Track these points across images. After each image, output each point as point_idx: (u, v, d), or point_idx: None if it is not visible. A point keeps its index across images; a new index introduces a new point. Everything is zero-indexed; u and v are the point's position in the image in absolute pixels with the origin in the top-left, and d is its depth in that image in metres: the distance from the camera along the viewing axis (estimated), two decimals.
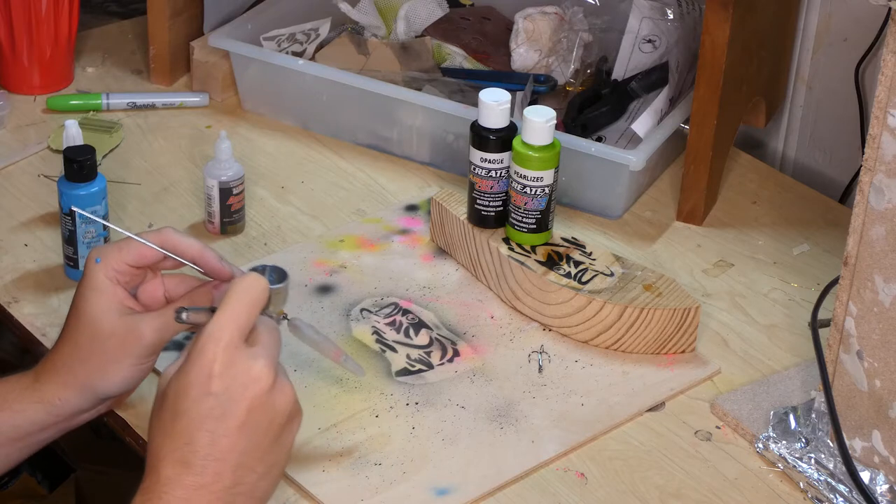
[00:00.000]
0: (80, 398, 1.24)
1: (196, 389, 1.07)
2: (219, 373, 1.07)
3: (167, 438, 1.07)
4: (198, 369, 1.07)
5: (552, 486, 1.28)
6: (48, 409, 1.23)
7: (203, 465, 1.06)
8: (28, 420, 1.24)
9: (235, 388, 1.07)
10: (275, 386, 1.09)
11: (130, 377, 1.24)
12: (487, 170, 1.47)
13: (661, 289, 1.43)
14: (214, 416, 1.07)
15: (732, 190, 1.70)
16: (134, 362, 1.23)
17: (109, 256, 1.23)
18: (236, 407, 1.07)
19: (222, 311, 1.09)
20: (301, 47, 1.83)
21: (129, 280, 1.24)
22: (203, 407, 1.07)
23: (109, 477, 1.95)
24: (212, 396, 1.07)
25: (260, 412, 1.08)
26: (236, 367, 1.08)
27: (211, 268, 1.24)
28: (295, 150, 1.75)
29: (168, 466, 1.06)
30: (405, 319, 1.46)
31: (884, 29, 1.65)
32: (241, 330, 1.09)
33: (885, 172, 1.16)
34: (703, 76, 1.56)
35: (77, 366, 1.23)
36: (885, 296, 1.19)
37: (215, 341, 1.08)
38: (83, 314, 1.23)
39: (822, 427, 1.29)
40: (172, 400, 1.08)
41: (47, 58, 1.82)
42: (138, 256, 1.23)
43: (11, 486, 2.01)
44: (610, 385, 1.39)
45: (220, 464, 1.07)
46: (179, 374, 1.08)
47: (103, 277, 1.23)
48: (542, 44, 1.82)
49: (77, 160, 1.45)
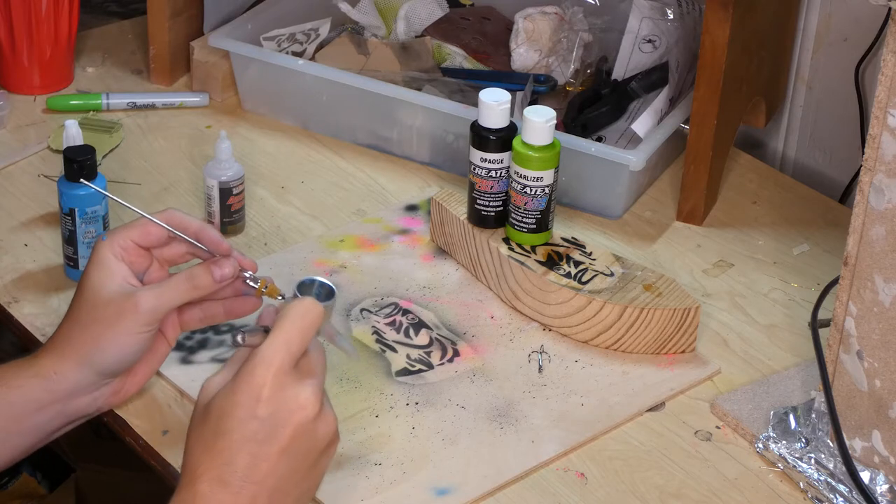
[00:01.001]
0: (77, 371, 1.24)
1: (242, 411, 1.08)
2: (267, 397, 1.08)
3: (207, 455, 1.08)
4: (246, 391, 1.08)
5: (552, 486, 1.28)
6: (44, 384, 1.24)
7: (240, 486, 1.07)
8: (24, 397, 1.24)
9: (281, 414, 1.08)
10: (319, 414, 1.10)
11: (127, 348, 1.24)
12: (487, 170, 1.47)
13: (661, 289, 1.43)
14: (258, 440, 1.08)
15: (732, 190, 1.70)
16: (130, 330, 1.23)
17: (116, 234, 1.26)
18: (280, 433, 1.08)
19: (276, 335, 1.10)
20: (301, 47, 1.83)
21: (133, 260, 1.26)
22: (247, 429, 1.08)
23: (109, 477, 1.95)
24: (257, 420, 1.08)
25: (302, 439, 1.09)
26: (285, 393, 1.09)
27: (210, 240, 1.26)
28: (295, 150, 1.75)
29: (205, 483, 1.07)
30: (405, 319, 1.46)
31: (884, 29, 1.65)
32: (292, 355, 1.10)
33: (885, 172, 1.16)
34: (703, 76, 1.56)
35: (75, 336, 1.24)
36: (885, 296, 1.19)
37: (266, 365, 1.09)
38: (86, 288, 1.25)
39: (822, 427, 1.29)
40: (216, 417, 1.09)
41: (47, 58, 1.82)
42: (144, 234, 1.26)
43: (11, 486, 2.01)
44: (610, 385, 1.39)
45: (258, 487, 1.08)
46: (227, 393, 1.09)
47: (108, 253, 1.25)
48: (542, 44, 1.82)
49: (77, 160, 1.45)
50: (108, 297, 1.23)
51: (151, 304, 1.23)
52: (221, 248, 1.26)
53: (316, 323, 1.13)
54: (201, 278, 1.24)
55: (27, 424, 1.25)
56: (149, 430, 1.32)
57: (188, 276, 1.24)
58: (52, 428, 1.27)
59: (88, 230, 1.47)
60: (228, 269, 1.24)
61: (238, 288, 1.28)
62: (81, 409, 1.27)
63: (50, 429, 1.27)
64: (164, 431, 1.32)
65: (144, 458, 1.31)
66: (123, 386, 1.29)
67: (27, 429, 1.25)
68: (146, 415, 1.33)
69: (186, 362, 1.38)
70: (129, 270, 1.25)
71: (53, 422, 1.26)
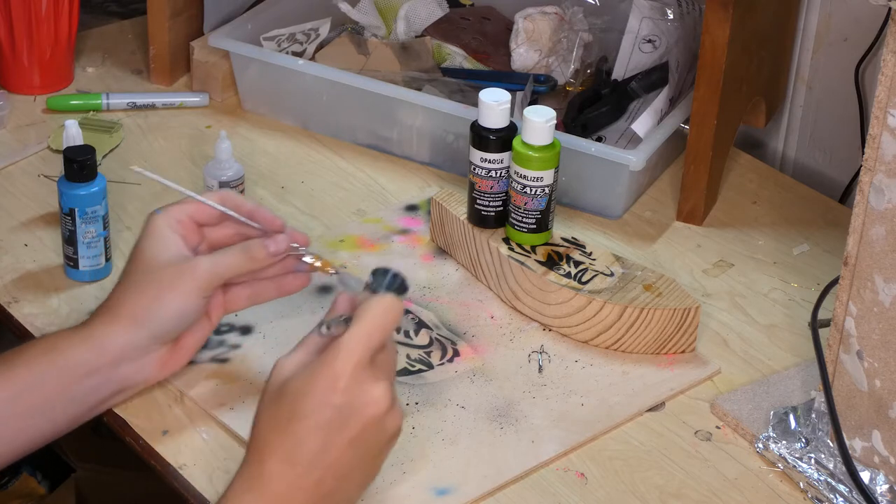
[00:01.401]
0: (127, 333, 1.27)
1: (319, 398, 1.11)
2: (344, 388, 1.11)
3: (279, 435, 1.11)
4: (325, 379, 1.11)
5: (552, 486, 1.28)
6: (94, 345, 1.26)
7: (308, 470, 1.11)
8: (73, 360, 1.26)
9: (356, 406, 1.12)
10: (390, 410, 1.13)
11: (182, 310, 1.27)
12: (487, 170, 1.47)
13: (661, 289, 1.43)
14: (330, 428, 1.11)
15: (732, 190, 1.70)
16: (187, 293, 1.26)
17: (171, 208, 1.30)
18: (353, 423, 1.12)
19: (358, 328, 1.13)
20: (301, 47, 1.83)
21: (186, 234, 1.29)
22: (322, 416, 1.11)
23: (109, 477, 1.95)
24: (333, 408, 1.11)
25: (372, 431, 1.13)
26: (361, 386, 1.12)
27: (264, 218, 1.30)
28: (295, 150, 1.75)
29: (275, 462, 1.11)
30: (405, 319, 1.45)
31: (884, 29, 1.65)
32: (371, 350, 1.13)
33: (885, 172, 1.16)
34: (703, 76, 1.56)
35: (129, 299, 1.27)
36: (885, 296, 1.19)
37: (347, 356, 1.12)
38: (140, 257, 1.28)
39: (822, 427, 1.29)
40: (291, 399, 1.12)
41: (47, 58, 1.82)
42: (198, 209, 1.30)
43: (11, 486, 2.01)
44: (610, 385, 1.39)
45: (325, 472, 1.11)
46: (305, 377, 1.12)
47: (163, 225, 1.28)
48: (542, 44, 1.82)
49: (77, 160, 1.45)
50: (166, 262, 1.27)
51: (209, 269, 1.27)
52: (275, 224, 1.30)
53: (396, 320, 1.15)
54: (256, 250, 1.28)
55: (75, 391, 1.27)
56: (149, 430, 1.32)
57: (243, 247, 1.28)
58: (99, 396, 1.28)
59: (88, 230, 1.47)
60: (282, 244, 1.29)
61: (288, 265, 1.32)
62: (129, 377, 1.29)
63: (97, 397, 1.28)
64: (164, 431, 1.32)
65: (144, 458, 1.31)
66: (170, 358, 1.31)
67: (75, 395, 1.27)
68: (146, 415, 1.33)
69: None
70: (182, 242, 1.29)
71: (101, 389, 1.28)
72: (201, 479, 1.27)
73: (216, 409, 1.33)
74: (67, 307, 1.46)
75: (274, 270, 1.32)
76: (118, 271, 1.44)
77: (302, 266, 1.32)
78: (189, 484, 1.27)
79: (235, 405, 1.34)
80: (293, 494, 1.11)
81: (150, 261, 1.27)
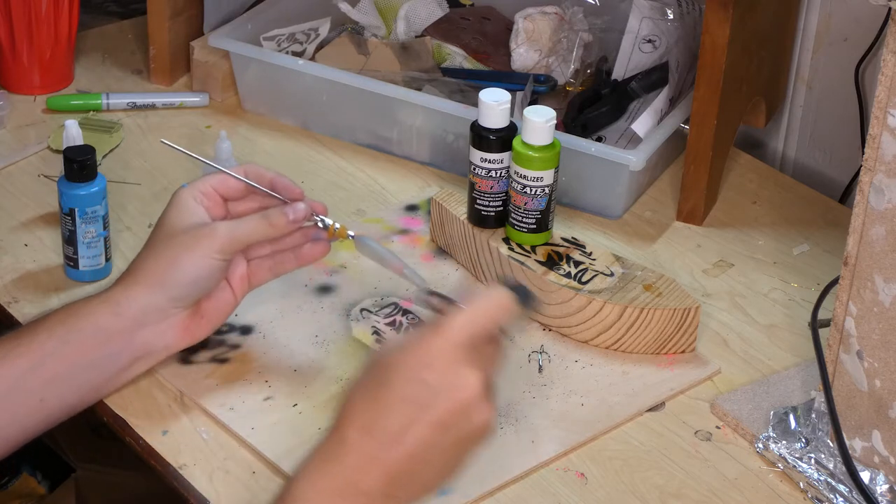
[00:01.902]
0: (147, 295, 1.28)
1: (410, 371, 1.09)
2: (438, 367, 1.08)
3: (364, 402, 1.09)
4: (419, 354, 1.09)
5: (552, 486, 1.28)
6: (113, 308, 1.28)
7: (388, 444, 1.07)
8: (93, 324, 1.27)
9: (445, 386, 1.08)
10: (480, 401, 1.10)
11: (200, 271, 1.29)
12: (487, 170, 1.47)
13: (661, 289, 1.43)
14: (417, 403, 1.08)
15: (732, 190, 1.70)
16: (205, 254, 1.28)
17: (196, 181, 1.33)
18: (440, 403, 1.08)
19: (465, 312, 1.11)
20: (301, 47, 1.83)
21: (210, 205, 1.32)
22: (410, 389, 1.08)
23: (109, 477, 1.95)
24: (423, 384, 1.08)
25: (458, 417, 1.09)
26: (454, 369, 1.09)
27: (284, 187, 1.32)
28: (295, 150, 1.75)
29: (354, 430, 1.08)
30: (405, 319, 1.46)
31: (884, 29, 1.65)
32: (473, 337, 1.10)
33: (885, 172, 1.16)
34: (703, 76, 1.56)
35: (149, 263, 1.30)
36: (885, 296, 1.19)
37: (446, 336, 1.09)
38: (163, 225, 1.31)
39: (822, 427, 1.29)
40: (385, 370, 1.09)
41: (47, 58, 1.82)
42: (222, 182, 1.33)
43: (11, 485, 2.01)
44: (610, 385, 1.39)
45: (403, 448, 1.08)
46: (400, 350, 1.10)
47: (188, 196, 1.31)
48: (542, 44, 1.82)
49: (77, 160, 1.45)
50: (187, 227, 1.30)
51: (228, 232, 1.29)
52: (294, 193, 1.32)
53: (506, 317, 1.13)
54: (276, 217, 1.30)
55: (95, 356, 1.28)
56: (149, 430, 1.32)
57: (264, 214, 1.31)
58: (119, 363, 1.30)
59: (88, 230, 1.47)
60: (302, 212, 1.31)
61: (307, 234, 1.34)
62: (149, 342, 1.30)
63: (117, 365, 1.30)
64: (164, 431, 1.32)
65: (144, 458, 1.31)
66: (191, 324, 1.32)
67: (95, 361, 1.28)
68: (146, 415, 1.33)
69: (186, 362, 1.38)
70: (206, 213, 1.31)
71: (121, 356, 1.29)
72: (201, 479, 1.27)
73: (216, 409, 1.33)
74: None
75: (293, 240, 1.34)
76: (118, 271, 1.44)
77: (320, 234, 1.35)
78: (189, 484, 1.27)
79: (235, 405, 1.34)
80: (368, 467, 1.07)
81: (171, 228, 1.30)
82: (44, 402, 1.26)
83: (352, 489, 1.07)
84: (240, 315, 1.43)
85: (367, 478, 1.07)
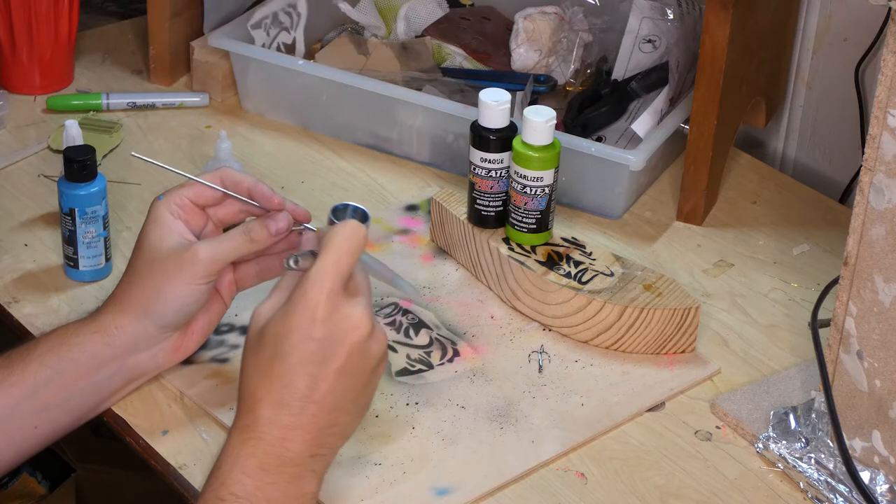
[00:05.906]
0: (136, 324, 1.27)
1: (298, 333, 1.10)
2: (322, 318, 1.11)
3: (265, 380, 1.11)
4: (301, 314, 1.11)
5: (552, 486, 1.28)
6: (105, 338, 1.27)
7: (301, 407, 1.10)
8: (85, 353, 1.27)
9: (337, 334, 1.11)
10: (372, 333, 1.13)
11: (185, 299, 1.27)
12: (487, 170, 1.47)
13: (661, 289, 1.43)
14: (315, 361, 1.10)
15: (732, 190, 1.70)
16: (189, 281, 1.26)
17: (171, 193, 1.30)
18: (337, 352, 1.11)
19: (324, 257, 1.13)
20: (290, 35, 1.82)
21: (189, 218, 1.29)
22: (304, 351, 1.10)
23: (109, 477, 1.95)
24: (314, 341, 1.10)
25: (357, 357, 1.12)
26: (338, 313, 1.11)
27: (263, 196, 1.29)
28: (295, 150, 1.75)
29: (266, 407, 1.11)
30: (405, 319, 1.46)
31: (884, 29, 1.65)
32: (342, 277, 1.12)
33: (885, 172, 1.16)
34: (703, 76, 1.56)
35: (134, 290, 1.28)
36: (885, 296, 1.19)
37: (319, 287, 1.11)
38: (144, 245, 1.28)
39: (822, 427, 1.29)
40: (272, 342, 1.11)
41: (47, 58, 1.82)
42: (198, 192, 1.29)
43: (11, 486, 2.01)
44: (610, 385, 1.39)
45: (318, 406, 1.11)
46: (281, 317, 1.12)
47: (165, 211, 1.29)
48: (542, 44, 1.82)
49: (77, 160, 1.45)
50: (168, 251, 1.27)
51: (209, 255, 1.26)
52: (273, 202, 1.29)
53: (361, 244, 1.15)
54: (257, 232, 1.28)
55: (88, 382, 1.28)
56: (149, 430, 1.32)
57: (244, 229, 1.28)
58: (112, 386, 1.30)
59: (88, 230, 1.47)
60: (283, 223, 1.28)
61: (292, 240, 1.32)
62: (142, 366, 1.30)
63: (111, 387, 1.29)
64: (164, 431, 1.32)
65: (144, 458, 1.31)
66: (182, 343, 1.32)
67: (89, 387, 1.28)
68: (146, 415, 1.33)
69: (186, 362, 1.38)
70: (185, 227, 1.29)
71: (114, 379, 1.29)
72: (201, 479, 1.26)
73: (216, 409, 1.33)
74: (67, 307, 1.47)
75: (280, 246, 1.33)
76: (118, 271, 1.44)
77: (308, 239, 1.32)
78: (189, 484, 1.27)
79: (235, 405, 1.34)
80: (290, 435, 1.11)
81: (152, 251, 1.28)
82: (38, 427, 1.27)
83: (277, 461, 1.10)
84: (240, 315, 1.43)
85: (291, 446, 1.10)
